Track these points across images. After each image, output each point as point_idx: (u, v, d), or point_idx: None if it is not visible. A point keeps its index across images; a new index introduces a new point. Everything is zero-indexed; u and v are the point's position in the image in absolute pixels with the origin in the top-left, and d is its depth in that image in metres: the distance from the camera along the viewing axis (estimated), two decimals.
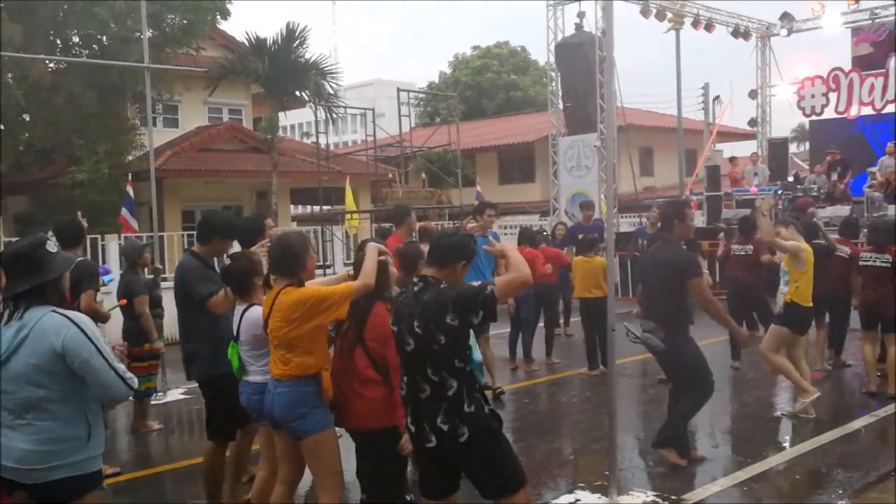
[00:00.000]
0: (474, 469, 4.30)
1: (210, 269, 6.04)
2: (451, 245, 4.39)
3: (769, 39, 26.39)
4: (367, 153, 25.53)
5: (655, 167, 35.57)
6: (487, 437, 4.26)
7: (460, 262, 4.39)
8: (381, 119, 28.35)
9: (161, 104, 24.08)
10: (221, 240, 6.10)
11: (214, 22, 23.86)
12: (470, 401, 4.23)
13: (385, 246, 5.24)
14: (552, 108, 23.50)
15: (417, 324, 4.21)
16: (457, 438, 4.18)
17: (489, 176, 33.25)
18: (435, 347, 4.18)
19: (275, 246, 5.05)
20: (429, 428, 4.24)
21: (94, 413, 3.88)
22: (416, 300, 4.27)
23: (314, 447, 4.86)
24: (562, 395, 9.98)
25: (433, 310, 4.17)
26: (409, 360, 4.31)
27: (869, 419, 8.38)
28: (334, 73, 23.04)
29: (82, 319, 3.80)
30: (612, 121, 7.20)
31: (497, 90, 48.88)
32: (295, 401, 4.80)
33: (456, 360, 4.22)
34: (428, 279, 4.33)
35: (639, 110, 35.07)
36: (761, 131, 27.21)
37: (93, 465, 3.87)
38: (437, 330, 4.16)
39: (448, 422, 4.18)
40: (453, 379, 4.20)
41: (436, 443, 4.23)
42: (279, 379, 4.85)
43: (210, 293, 5.78)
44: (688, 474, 6.89)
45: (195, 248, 6.16)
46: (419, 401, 4.28)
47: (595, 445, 7.76)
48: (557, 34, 22.29)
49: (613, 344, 6.28)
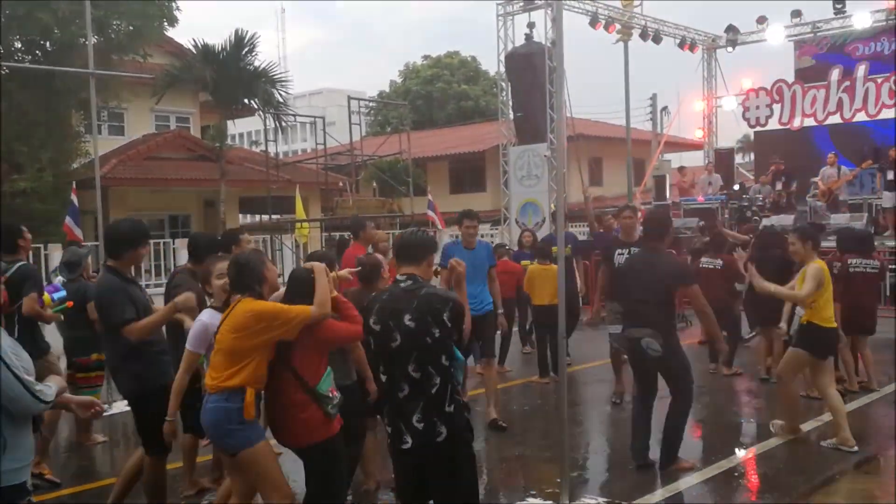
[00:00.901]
0: (441, 476, 4.31)
1: (130, 283, 5.78)
2: (420, 242, 4.60)
3: (715, 51, 26.77)
4: (317, 162, 25.43)
5: (604, 177, 35.88)
6: (462, 444, 4.33)
7: (431, 256, 4.63)
8: (331, 128, 28.28)
9: (107, 111, 23.75)
10: (133, 249, 5.78)
11: (161, 28, 23.64)
12: (451, 401, 4.30)
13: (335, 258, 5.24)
14: (502, 117, 23.56)
15: (410, 317, 4.28)
16: (434, 437, 4.23)
17: (440, 185, 33.28)
18: (428, 341, 4.26)
19: (231, 266, 4.95)
20: (405, 427, 4.28)
21: (11, 425, 3.71)
22: (408, 295, 4.34)
23: (247, 463, 4.74)
24: (513, 403, 9.97)
25: (432, 304, 4.29)
26: (392, 358, 4.34)
27: (815, 423, 8.50)
28: (284, 81, 22.92)
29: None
30: (562, 131, 7.31)
31: (447, 100, 49.00)
32: (220, 417, 4.67)
33: (444, 356, 4.30)
34: (416, 277, 4.44)
35: (588, 121, 35.38)
36: (708, 142, 27.58)
37: (14, 478, 3.72)
38: (433, 322, 4.26)
39: (424, 420, 4.23)
40: (437, 376, 4.27)
41: (411, 443, 4.27)
42: (210, 392, 4.73)
43: (125, 321, 5.48)
44: (637, 480, 6.93)
45: (110, 263, 5.78)
46: (397, 400, 4.32)
47: (546, 453, 7.77)
48: (508, 44, 22.36)
49: (564, 351, 6.30)
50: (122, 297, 5.54)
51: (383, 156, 25.05)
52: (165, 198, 25.01)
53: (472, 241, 8.75)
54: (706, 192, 21.71)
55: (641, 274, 7.08)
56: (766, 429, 8.23)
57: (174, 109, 27.47)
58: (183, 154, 25.48)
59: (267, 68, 22.49)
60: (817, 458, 7.46)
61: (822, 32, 24.18)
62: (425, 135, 38.18)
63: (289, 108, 24.73)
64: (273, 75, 22.60)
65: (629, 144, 31.14)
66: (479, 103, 48.07)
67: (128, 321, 5.47)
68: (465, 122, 43.48)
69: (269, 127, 23.35)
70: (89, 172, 18.95)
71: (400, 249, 4.61)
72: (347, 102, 22.45)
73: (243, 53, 21.88)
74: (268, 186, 21.99)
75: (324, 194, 27.05)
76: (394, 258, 4.79)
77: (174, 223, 25.29)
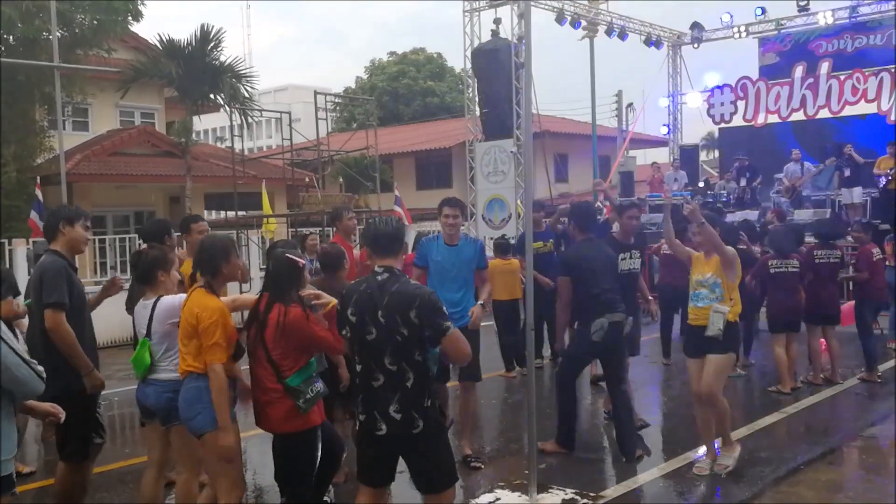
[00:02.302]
0: (418, 460, 4.39)
1: (74, 271, 5.55)
2: (392, 234, 4.56)
3: (680, 48, 27.00)
4: (283, 157, 25.31)
5: (570, 173, 36.03)
6: (439, 431, 4.41)
7: (402, 248, 4.62)
8: (297, 124, 28.17)
9: (71, 106, 23.53)
10: (69, 226, 5.54)
11: (126, 23, 23.42)
12: (428, 395, 4.35)
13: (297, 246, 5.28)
14: (469, 114, 23.62)
15: (381, 314, 4.30)
16: (411, 429, 4.27)
17: (407, 181, 33.25)
18: (398, 339, 4.27)
19: (200, 244, 5.06)
20: (379, 416, 4.31)
21: (5, 416, 3.74)
22: (381, 290, 4.35)
23: (210, 446, 4.81)
24: (480, 397, 9.99)
25: (400, 304, 4.28)
26: (368, 349, 4.37)
27: (778, 416, 8.64)
28: (249, 77, 22.82)
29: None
30: (529, 127, 7.31)
31: (414, 96, 48.94)
32: (192, 396, 4.82)
33: (416, 352, 4.32)
34: (393, 269, 4.44)
35: (554, 117, 35.49)
36: (673, 138, 27.80)
37: (3, 470, 3.74)
38: (401, 322, 4.26)
39: (402, 411, 4.27)
40: (411, 371, 4.30)
41: (386, 430, 4.30)
42: (184, 376, 4.87)
43: (56, 303, 5.23)
44: (606, 472, 7.02)
45: (53, 247, 5.55)
46: (371, 389, 4.35)
47: (514, 445, 7.84)
48: (474, 40, 22.41)
49: (532, 344, 6.35)
50: (63, 279, 5.33)
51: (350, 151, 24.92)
52: (131, 194, 24.81)
53: (456, 236, 7.08)
54: (672, 188, 21.87)
55: (602, 263, 7.41)
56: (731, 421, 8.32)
57: (139, 105, 27.22)
58: (148, 150, 25.29)
59: (233, 63, 22.38)
60: (780, 449, 7.58)
61: (786, 30, 24.48)
62: (392, 131, 38.14)
63: (255, 103, 24.59)
64: (239, 71, 22.50)
65: (595, 141, 31.31)
66: (445, 99, 48.08)
67: (59, 304, 5.24)
68: (432, 118, 43.47)
69: (234, 123, 23.18)
70: (53, 168, 18.81)
71: (375, 241, 4.57)
72: (314, 97, 22.32)
73: (209, 49, 21.76)
74: (234, 182, 21.83)
75: (290, 190, 26.90)
76: (365, 249, 4.81)
77: (139, 219, 25.07)
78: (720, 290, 6.68)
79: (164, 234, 6.67)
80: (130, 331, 5.73)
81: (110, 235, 18.88)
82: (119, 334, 13.56)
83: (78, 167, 21.92)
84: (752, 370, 11.02)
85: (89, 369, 5.28)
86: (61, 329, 5.20)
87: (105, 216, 24.50)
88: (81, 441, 5.47)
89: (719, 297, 6.69)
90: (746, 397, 9.88)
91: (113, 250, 17.07)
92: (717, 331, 6.58)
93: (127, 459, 7.77)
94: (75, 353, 5.21)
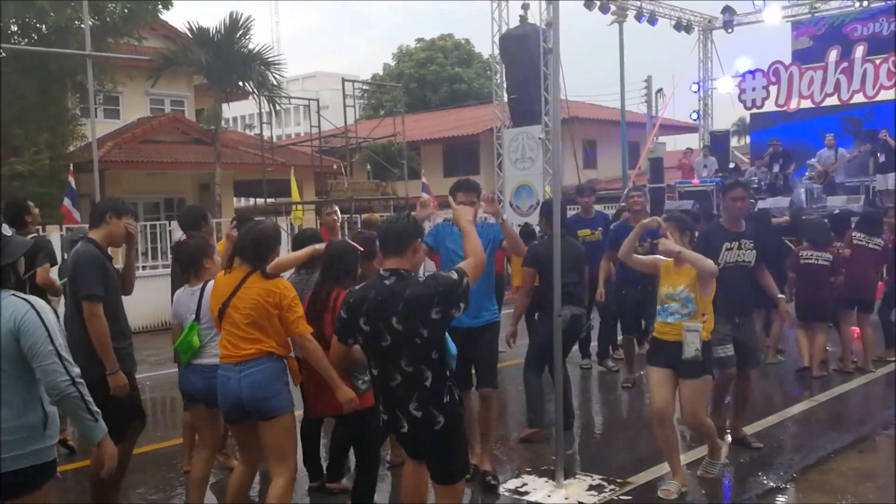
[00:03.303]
0: (437, 453, 4.36)
1: (109, 260, 5.57)
2: (400, 230, 4.33)
3: (711, 33, 26.75)
4: (311, 145, 25.41)
5: (599, 159, 35.87)
6: (457, 425, 4.35)
7: (416, 241, 4.35)
8: (325, 111, 28.25)
9: (102, 95, 23.73)
10: (115, 217, 5.57)
11: (156, 11, 23.56)
12: (447, 391, 4.27)
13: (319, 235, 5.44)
14: (497, 100, 23.56)
15: (397, 320, 4.13)
16: (432, 426, 4.22)
17: (434, 168, 33.25)
18: (417, 341, 4.15)
19: (246, 234, 5.07)
20: (401, 414, 4.26)
21: (46, 403, 3.74)
22: (393, 297, 4.16)
23: (281, 428, 4.88)
24: (507, 383, 9.99)
25: (418, 305, 4.12)
26: (384, 355, 4.25)
27: (809, 404, 8.59)
28: (278, 64, 22.91)
29: (41, 304, 3.70)
30: (557, 113, 7.21)
31: (441, 82, 48.83)
32: (270, 377, 4.84)
33: (434, 352, 4.22)
34: (400, 272, 4.23)
35: (582, 103, 35.33)
36: (703, 124, 27.58)
37: (49, 454, 3.75)
38: (421, 325, 4.12)
39: (422, 409, 4.21)
40: (429, 371, 4.20)
41: (408, 428, 4.27)
42: (245, 360, 4.84)
43: (90, 296, 5.28)
44: (632, 458, 7.02)
45: (92, 234, 5.59)
46: (390, 389, 4.27)
47: (541, 431, 7.83)
48: (502, 26, 22.33)
49: (560, 331, 6.34)
50: (96, 269, 5.36)
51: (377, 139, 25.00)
52: (161, 181, 25.01)
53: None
54: (701, 175, 21.73)
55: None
56: (760, 409, 8.29)
57: (169, 93, 27.42)
58: (178, 137, 25.45)
59: (261, 51, 22.49)
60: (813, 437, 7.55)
61: (820, 13, 24.17)
62: (419, 118, 38.11)
63: (283, 91, 24.68)
64: (267, 58, 22.62)
65: (624, 127, 31.13)
66: (473, 86, 47.92)
67: (93, 297, 5.29)
68: (459, 104, 43.39)
69: (263, 110, 23.31)
70: (86, 155, 19.01)
71: (382, 242, 4.44)
72: (341, 85, 22.39)
73: (238, 36, 21.89)
74: (263, 169, 21.98)
75: (318, 177, 27.03)
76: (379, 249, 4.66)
77: (170, 206, 25.29)
78: (693, 306, 5.95)
79: (200, 221, 7.00)
80: (163, 317, 5.82)
81: (141, 222, 19.03)
82: (152, 320, 13.71)
83: (109, 154, 22.12)
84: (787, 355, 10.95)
85: (115, 369, 5.30)
86: (97, 322, 5.25)
87: (136, 203, 24.73)
88: (118, 424, 5.52)
89: (692, 312, 5.96)
90: (778, 384, 9.82)
91: (143, 237, 17.22)
92: (695, 352, 5.89)
93: (160, 442, 7.89)
94: (105, 348, 5.25)
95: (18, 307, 3.64)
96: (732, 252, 6.90)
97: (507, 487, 6.31)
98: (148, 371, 10.69)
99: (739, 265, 6.94)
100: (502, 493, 6.23)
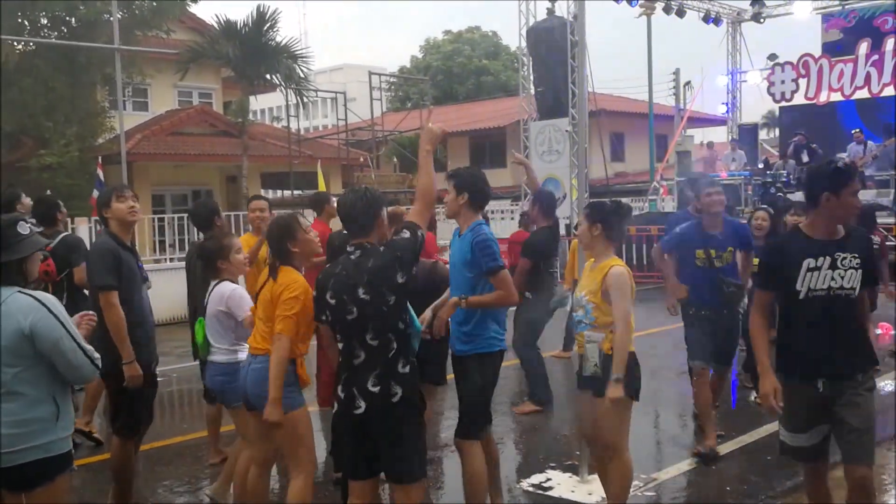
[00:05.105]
0: (390, 441, 4.22)
1: (127, 250, 5.54)
2: (362, 209, 4.35)
3: (740, 25, 26.51)
4: (338, 137, 25.47)
5: (626, 152, 35.73)
6: (414, 406, 4.27)
7: (379, 217, 4.38)
8: (352, 103, 28.29)
9: (131, 87, 23.92)
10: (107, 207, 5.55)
11: (184, 4, 23.72)
12: (405, 362, 4.25)
13: None
14: (523, 92, 23.48)
15: (363, 290, 4.19)
16: (389, 398, 4.17)
17: (460, 161, 33.24)
18: (384, 309, 4.19)
19: (272, 228, 5.02)
20: (358, 392, 4.19)
21: (62, 393, 3.81)
22: (358, 269, 4.23)
23: (292, 426, 4.80)
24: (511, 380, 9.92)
25: (383, 272, 4.19)
26: (349, 328, 4.26)
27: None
28: (305, 57, 22.96)
29: (50, 300, 3.73)
30: (584, 106, 7.18)
31: (468, 75, 48.82)
32: (267, 377, 4.73)
33: (400, 321, 4.25)
34: (364, 245, 4.31)
35: (610, 96, 35.21)
36: (732, 117, 27.37)
37: (63, 447, 3.79)
38: (387, 291, 4.18)
39: (381, 383, 4.17)
40: (395, 341, 4.22)
41: (364, 408, 4.18)
42: (255, 354, 4.85)
43: (103, 286, 5.30)
44: (657, 454, 6.99)
45: (109, 228, 5.60)
46: (352, 367, 4.24)
47: (566, 426, 7.82)
48: (529, 19, 22.23)
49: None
50: (106, 259, 5.37)
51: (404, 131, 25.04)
52: (188, 173, 25.15)
53: (464, 224, 5.25)
54: (729, 169, 21.56)
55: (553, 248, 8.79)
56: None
57: (197, 85, 27.56)
58: (205, 129, 25.60)
59: (288, 44, 22.54)
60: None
61: (851, 5, 23.89)
62: (446, 110, 38.11)
63: (310, 83, 24.73)
64: (294, 51, 22.65)
65: (651, 120, 30.98)
66: (500, 78, 47.89)
67: (105, 286, 5.30)
68: (486, 97, 43.35)
69: (290, 102, 23.39)
70: (114, 148, 19.14)
71: (344, 223, 4.45)
72: (368, 78, 22.44)
73: (265, 29, 21.93)
74: (289, 162, 22.05)
75: (345, 170, 27.11)
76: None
77: (197, 198, 25.42)
78: (591, 317, 5.04)
79: (212, 217, 6.88)
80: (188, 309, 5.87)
81: (169, 214, 19.18)
82: (178, 312, 13.79)
83: (137, 147, 22.28)
84: None
85: (130, 359, 5.29)
86: (111, 310, 5.26)
87: (164, 195, 24.92)
88: (132, 417, 5.55)
89: (591, 322, 5.04)
90: None
91: (171, 229, 17.33)
92: (594, 368, 5.00)
93: (185, 434, 7.92)
94: (121, 338, 5.25)
95: (28, 306, 3.66)
96: (820, 274, 4.42)
97: (530, 482, 6.30)
98: (173, 363, 10.78)
99: (833, 294, 4.43)
100: (526, 489, 6.22)
